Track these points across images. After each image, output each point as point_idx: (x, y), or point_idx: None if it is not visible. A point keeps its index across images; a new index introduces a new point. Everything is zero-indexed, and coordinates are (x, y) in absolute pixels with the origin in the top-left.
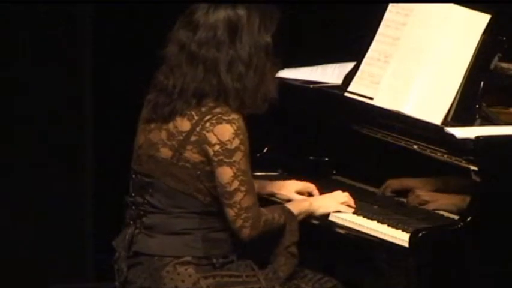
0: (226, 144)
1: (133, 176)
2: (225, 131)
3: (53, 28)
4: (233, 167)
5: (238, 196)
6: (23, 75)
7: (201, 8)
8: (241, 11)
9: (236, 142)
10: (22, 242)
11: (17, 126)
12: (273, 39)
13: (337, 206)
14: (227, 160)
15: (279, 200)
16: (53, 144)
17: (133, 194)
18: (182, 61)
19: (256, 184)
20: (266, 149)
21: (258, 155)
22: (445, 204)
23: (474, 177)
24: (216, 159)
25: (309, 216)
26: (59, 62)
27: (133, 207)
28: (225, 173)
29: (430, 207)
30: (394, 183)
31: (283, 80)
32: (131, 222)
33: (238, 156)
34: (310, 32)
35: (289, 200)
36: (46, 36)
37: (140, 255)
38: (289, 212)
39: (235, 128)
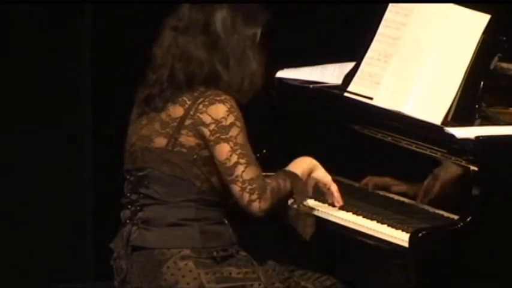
0: (221, 122)
1: (127, 177)
2: (219, 109)
3: (53, 29)
4: (230, 142)
5: (239, 169)
6: (23, 75)
7: (187, 4)
8: (229, 7)
9: (231, 118)
10: (22, 242)
11: (16, 126)
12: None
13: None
14: (223, 136)
15: None
16: (52, 144)
17: (128, 195)
18: (170, 49)
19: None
20: (266, 149)
21: (258, 155)
22: (450, 195)
23: (474, 177)
24: (212, 138)
25: (310, 172)
26: (59, 62)
27: (129, 207)
28: (223, 149)
29: (433, 192)
30: (401, 185)
31: (284, 80)
32: (127, 221)
33: (234, 131)
34: (310, 32)
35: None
36: (46, 36)
37: (139, 249)
38: (292, 175)
39: (228, 106)
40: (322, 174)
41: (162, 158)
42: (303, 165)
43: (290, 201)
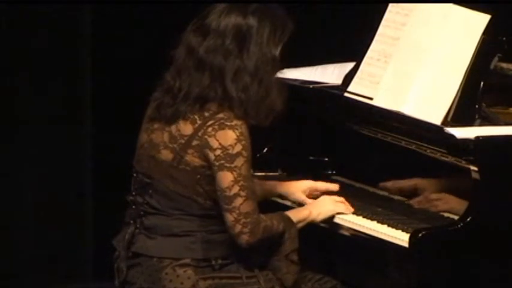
0: (228, 149)
1: (134, 174)
2: (228, 136)
3: (53, 29)
4: (234, 172)
5: (238, 201)
6: (23, 75)
7: (213, 12)
8: (252, 21)
9: (238, 147)
10: (22, 242)
11: (16, 126)
12: (283, 50)
13: (335, 208)
14: (228, 165)
15: (289, 203)
16: (52, 144)
17: (133, 193)
18: (190, 65)
19: (266, 186)
20: (266, 149)
21: (258, 155)
22: (456, 209)
23: (474, 177)
24: (217, 163)
25: (311, 224)
26: (59, 62)
27: (134, 206)
28: (226, 178)
29: (439, 208)
30: (402, 185)
31: (283, 80)
32: (131, 222)
33: (239, 161)
34: (310, 32)
35: (300, 204)
36: (46, 36)
37: (139, 255)
38: (288, 220)
39: (237, 133)
40: (324, 216)
41: (167, 171)
42: (301, 215)
43: (280, 248)
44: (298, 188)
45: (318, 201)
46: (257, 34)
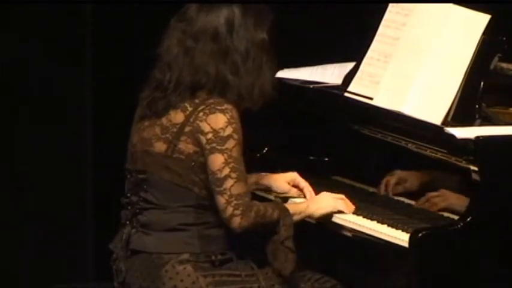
0: (219, 132)
1: (128, 176)
2: (218, 119)
3: (53, 27)
4: (225, 154)
5: (229, 183)
6: (23, 76)
7: (195, 8)
8: (237, 10)
9: (229, 130)
10: (23, 242)
11: (16, 126)
12: (268, 37)
13: (335, 204)
14: (219, 147)
15: (272, 197)
16: (52, 144)
17: (128, 195)
18: (179, 55)
19: (252, 179)
20: (266, 149)
21: (258, 155)
22: (457, 205)
23: (474, 177)
24: (208, 147)
25: (309, 218)
26: (58, 61)
27: (129, 207)
28: (216, 160)
29: (439, 205)
30: (402, 185)
31: (284, 80)
32: (127, 222)
33: (230, 143)
34: (310, 32)
35: (285, 197)
36: (46, 36)
37: (138, 253)
38: (283, 208)
39: (228, 117)
40: (324, 211)
41: (161, 163)
42: (298, 208)
43: (275, 236)
44: (282, 178)
45: (318, 197)
46: (243, 19)
